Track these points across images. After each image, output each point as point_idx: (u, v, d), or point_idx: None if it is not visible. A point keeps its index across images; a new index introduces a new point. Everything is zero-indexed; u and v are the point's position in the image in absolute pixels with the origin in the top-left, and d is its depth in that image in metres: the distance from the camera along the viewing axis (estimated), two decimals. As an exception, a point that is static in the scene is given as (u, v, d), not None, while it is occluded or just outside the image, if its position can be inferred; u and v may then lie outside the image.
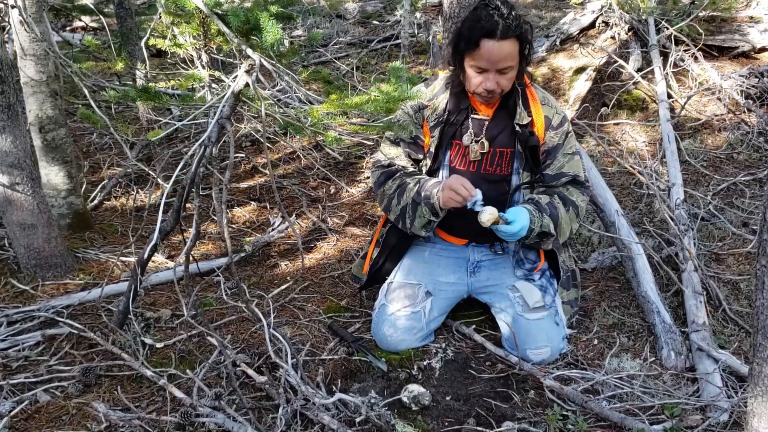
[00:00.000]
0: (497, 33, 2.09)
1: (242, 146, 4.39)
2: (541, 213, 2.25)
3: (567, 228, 2.34)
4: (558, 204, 2.31)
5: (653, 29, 5.00)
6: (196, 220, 2.16)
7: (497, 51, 2.12)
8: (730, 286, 2.73)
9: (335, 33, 6.51)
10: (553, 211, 2.29)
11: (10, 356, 2.31)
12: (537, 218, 2.23)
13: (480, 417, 2.08)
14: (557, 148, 2.33)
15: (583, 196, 2.38)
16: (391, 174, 2.40)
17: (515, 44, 2.14)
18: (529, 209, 2.23)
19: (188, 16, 2.61)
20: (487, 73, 2.17)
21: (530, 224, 2.21)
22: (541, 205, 2.28)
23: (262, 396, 2.10)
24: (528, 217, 2.21)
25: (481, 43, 2.11)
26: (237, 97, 2.20)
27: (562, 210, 2.31)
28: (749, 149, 4.00)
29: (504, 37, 2.10)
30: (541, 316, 2.31)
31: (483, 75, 2.17)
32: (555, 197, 2.32)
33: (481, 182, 2.30)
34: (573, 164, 2.35)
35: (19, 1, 2.70)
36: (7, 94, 2.55)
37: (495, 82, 2.17)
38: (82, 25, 6.71)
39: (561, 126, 2.33)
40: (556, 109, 2.33)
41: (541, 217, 2.25)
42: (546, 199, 2.30)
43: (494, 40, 2.10)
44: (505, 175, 2.34)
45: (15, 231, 2.75)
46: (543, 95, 2.35)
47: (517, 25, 2.11)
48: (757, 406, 1.42)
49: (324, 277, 2.94)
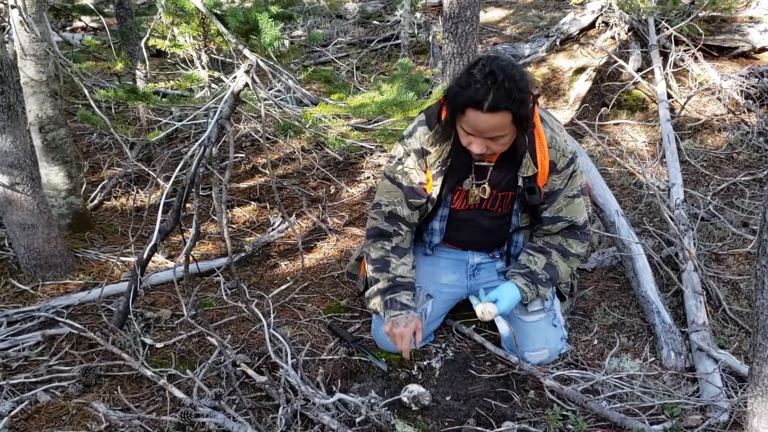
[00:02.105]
0: (484, 106, 1.88)
1: (242, 146, 4.39)
2: (536, 285, 2.22)
3: (567, 274, 2.30)
4: (556, 262, 2.25)
5: (653, 29, 5.01)
6: (196, 220, 2.16)
7: (483, 123, 1.92)
8: (730, 286, 2.73)
9: (335, 33, 6.51)
10: (552, 273, 2.24)
11: (10, 356, 2.31)
12: (530, 293, 2.22)
13: (480, 417, 2.08)
14: (558, 192, 2.19)
15: (582, 243, 2.28)
16: (383, 234, 2.28)
17: (506, 116, 1.91)
18: (520, 286, 2.21)
19: (188, 16, 2.62)
20: (475, 137, 1.99)
21: (521, 300, 2.22)
22: (536, 275, 2.23)
23: (262, 396, 2.10)
24: (517, 293, 2.21)
25: (467, 111, 1.92)
26: (237, 97, 2.20)
27: (563, 266, 2.25)
28: (749, 149, 4.00)
29: (492, 110, 1.88)
30: (539, 319, 2.31)
31: (471, 137, 2.00)
32: (552, 254, 2.25)
33: (483, 218, 2.31)
34: (572, 208, 2.21)
35: (19, 1, 2.70)
36: (7, 94, 2.55)
37: (484, 147, 2.00)
38: (82, 25, 6.71)
39: (566, 168, 2.15)
40: (563, 152, 2.13)
41: (536, 290, 2.22)
42: (542, 262, 2.24)
43: (480, 111, 1.89)
44: (505, 213, 2.30)
45: (15, 231, 2.75)
46: (551, 135, 2.12)
47: (511, 99, 1.87)
48: (757, 406, 1.42)
49: (324, 277, 2.94)
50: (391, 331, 2.17)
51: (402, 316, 2.17)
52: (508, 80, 1.86)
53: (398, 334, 2.14)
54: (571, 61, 5.30)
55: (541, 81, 5.20)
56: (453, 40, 3.19)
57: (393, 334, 2.16)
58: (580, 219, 2.23)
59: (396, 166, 2.24)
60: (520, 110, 1.91)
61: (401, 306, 2.20)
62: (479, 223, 2.33)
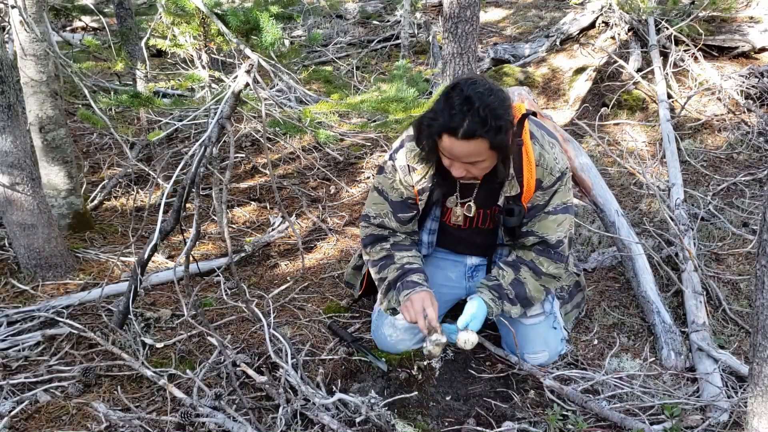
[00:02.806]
0: (459, 132, 1.84)
1: (242, 146, 4.39)
2: (501, 300, 2.16)
3: (540, 294, 2.21)
4: (525, 278, 2.17)
5: (653, 29, 5.01)
6: (196, 220, 2.16)
7: (458, 149, 1.89)
8: (730, 286, 2.73)
9: (335, 33, 6.52)
10: (519, 290, 2.17)
11: (10, 356, 2.31)
12: (496, 308, 2.15)
13: (480, 417, 2.08)
14: (539, 208, 2.13)
15: (556, 264, 2.17)
16: (379, 238, 2.27)
17: (483, 143, 1.86)
18: (486, 301, 2.14)
19: (188, 16, 2.62)
20: (454, 162, 1.96)
21: (487, 315, 2.14)
22: (503, 289, 2.17)
23: (262, 396, 2.10)
24: (484, 312, 2.12)
25: (443, 137, 1.89)
26: (237, 97, 2.20)
27: (531, 282, 2.17)
28: (749, 149, 4.00)
29: (467, 138, 1.85)
30: (538, 321, 2.31)
31: (450, 161, 1.98)
32: (522, 270, 2.18)
33: (475, 236, 2.30)
34: (545, 224, 2.13)
35: (19, 1, 2.70)
36: (7, 94, 2.55)
37: (464, 171, 1.97)
38: (82, 25, 6.72)
39: (551, 186, 2.09)
40: (551, 170, 2.07)
41: (501, 305, 2.16)
42: (510, 277, 2.18)
43: (456, 138, 1.86)
44: (493, 228, 2.28)
45: (15, 231, 2.75)
46: (540, 153, 2.06)
47: (486, 127, 1.83)
48: (757, 406, 1.42)
49: (324, 277, 2.94)
50: (405, 305, 2.11)
51: (414, 293, 2.13)
52: (483, 108, 1.83)
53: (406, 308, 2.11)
54: (571, 61, 5.30)
55: (541, 81, 5.20)
56: (453, 40, 3.20)
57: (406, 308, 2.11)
58: (552, 237, 2.14)
59: (384, 180, 2.23)
60: (496, 138, 1.86)
61: (413, 284, 2.16)
62: (473, 240, 2.33)
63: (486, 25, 6.66)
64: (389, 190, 2.22)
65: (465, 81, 1.92)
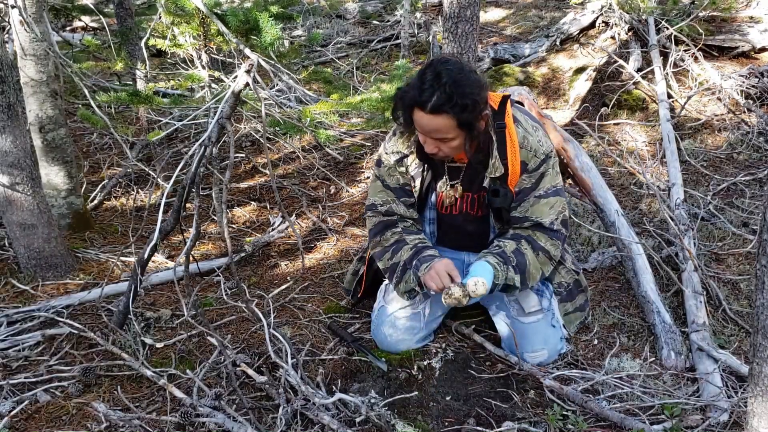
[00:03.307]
0: (427, 106, 1.92)
1: (242, 146, 4.39)
2: (507, 265, 2.14)
3: (537, 273, 2.20)
4: (526, 249, 2.18)
5: (653, 29, 5.01)
6: (196, 220, 2.17)
7: (426, 123, 1.97)
8: (730, 286, 2.73)
9: (335, 33, 6.51)
10: (521, 259, 2.16)
11: (10, 356, 2.31)
12: (501, 272, 2.11)
13: (480, 417, 2.08)
14: (527, 191, 2.16)
15: (552, 240, 2.20)
16: (389, 225, 2.28)
17: (449, 119, 1.93)
18: (492, 263, 2.11)
19: (188, 16, 2.62)
20: (426, 137, 2.03)
21: (494, 279, 2.11)
22: (506, 255, 2.15)
23: (262, 396, 2.10)
24: (492, 273, 2.09)
25: (414, 111, 1.97)
26: (237, 97, 2.20)
27: (530, 255, 2.17)
28: (749, 149, 4.00)
29: (434, 112, 1.93)
30: (537, 320, 2.30)
31: (423, 137, 2.05)
32: (522, 242, 2.18)
33: (468, 223, 2.32)
34: (538, 208, 2.17)
35: (19, 1, 2.70)
36: (7, 94, 2.55)
37: (435, 147, 2.03)
38: (82, 25, 6.71)
39: (537, 169, 2.14)
40: (536, 152, 2.12)
41: (506, 270, 2.13)
42: (512, 246, 2.17)
43: (423, 112, 1.94)
44: (484, 216, 2.30)
45: (15, 231, 2.75)
46: (524, 135, 2.13)
47: (452, 103, 1.90)
48: (757, 406, 1.42)
49: (324, 277, 2.94)
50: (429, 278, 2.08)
51: (433, 262, 2.12)
52: (451, 84, 1.90)
53: (430, 277, 2.08)
54: (571, 61, 5.30)
55: (541, 81, 5.20)
56: (453, 40, 3.20)
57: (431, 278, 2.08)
58: (545, 219, 2.17)
59: (382, 169, 2.29)
60: (462, 115, 1.92)
61: (429, 257, 2.15)
62: (465, 228, 2.34)
63: (486, 25, 6.66)
64: (387, 178, 2.28)
65: (439, 60, 2.01)
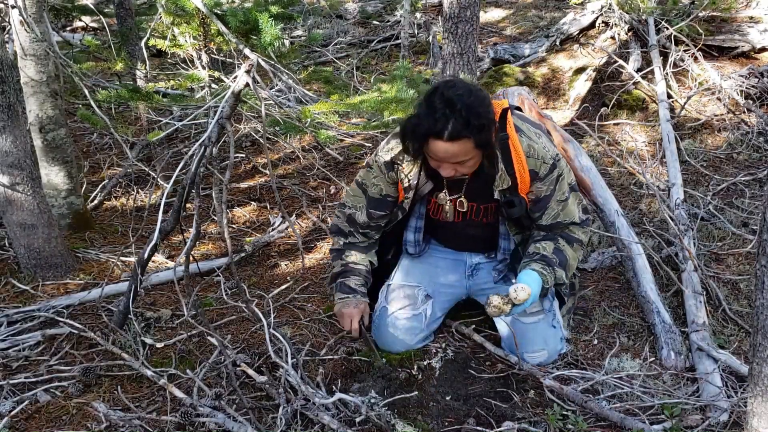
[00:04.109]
0: (444, 135, 1.89)
1: (242, 146, 4.39)
2: (552, 267, 2.18)
3: (575, 263, 2.28)
4: (563, 246, 2.23)
5: (653, 29, 5.00)
6: (196, 220, 2.16)
7: (445, 151, 1.94)
8: (730, 286, 2.73)
9: (335, 33, 6.51)
10: (562, 258, 2.21)
11: (10, 356, 2.31)
12: (549, 276, 2.17)
13: (480, 417, 2.08)
14: (548, 198, 2.18)
15: (584, 229, 2.29)
16: (341, 233, 2.40)
17: (468, 143, 1.92)
18: (538, 270, 2.15)
19: (188, 16, 2.62)
20: (442, 163, 2.01)
21: (543, 284, 2.14)
22: (549, 257, 2.19)
23: (262, 396, 2.10)
24: (539, 280, 2.13)
25: (429, 141, 1.93)
26: (237, 97, 2.20)
27: (569, 251, 2.24)
28: (749, 149, 4.00)
29: (452, 139, 1.90)
30: (537, 320, 2.31)
31: (438, 163, 2.02)
32: (558, 240, 2.24)
33: (468, 228, 2.32)
34: (568, 210, 2.22)
35: (19, 1, 2.70)
36: (8, 94, 2.55)
37: (453, 170, 2.02)
38: (82, 25, 6.71)
39: (550, 174, 2.14)
40: (543, 159, 2.12)
41: (553, 272, 2.18)
42: (551, 247, 2.22)
43: (442, 140, 1.90)
44: (492, 222, 2.31)
45: (15, 231, 2.75)
46: (528, 144, 2.11)
47: (470, 127, 1.88)
48: (757, 406, 1.42)
49: (324, 277, 2.94)
50: (340, 312, 2.37)
51: (350, 299, 2.35)
52: (465, 109, 1.88)
53: (346, 314, 2.34)
54: (571, 61, 5.30)
55: (541, 81, 5.20)
56: (453, 40, 3.20)
57: (342, 314, 2.36)
58: (577, 217, 2.25)
59: (367, 174, 2.30)
60: (480, 136, 1.92)
61: (349, 289, 2.36)
62: (467, 232, 2.35)
63: (486, 25, 6.65)
64: (369, 186, 2.30)
65: (444, 84, 2.00)
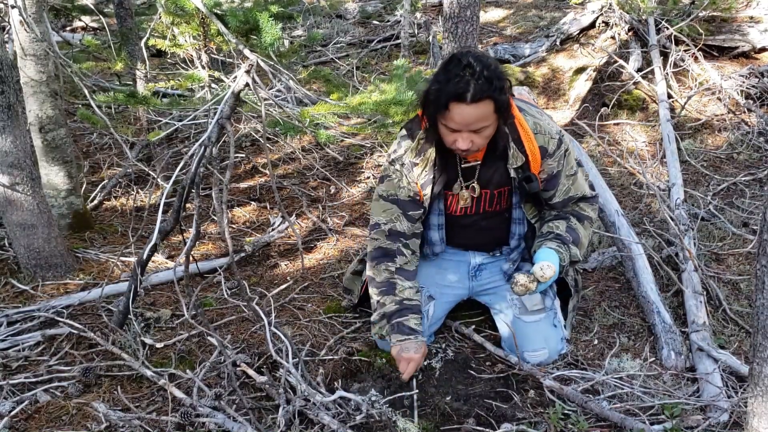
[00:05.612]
0: (467, 97, 1.91)
1: (242, 146, 4.39)
2: (567, 245, 2.21)
3: (587, 240, 2.31)
4: (576, 224, 2.27)
5: (653, 29, 5.00)
6: (196, 220, 2.17)
7: (468, 115, 1.94)
8: (730, 286, 2.73)
9: (335, 33, 6.51)
10: (575, 236, 2.24)
11: (10, 356, 2.31)
12: (565, 253, 2.20)
13: (480, 417, 2.07)
14: (558, 174, 2.22)
15: (593, 205, 2.35)
16: (388, 254, 2.26)
17: (490, 104, 1.95)
18: (554, 248, 2.17)
19: (188, 16, 2.62)
20: (460, 133, 2.01)
21: (560, 262, 2.16)
22: (563, 236, 2.22)
23: (262, 396, 2.10)
24: (558, 258, 2.15)
25: (451, 107, 1.94)
26: (237, 97, 2.20)
27: (582, 229, 2.27)
28: (749, 149, 4.00)
29: (476, 101, 1.92)
30: (539, 319, 2.31)
31: (455, 134, 2.02)
32: (570, 218, 2.27)
33: (482, 220, 2.32)
34: (577, 184, 2.27)
35: (19, 1, 2.70)
36: (7, 94, 2.55)
37: (469, 141, 2.02)
38: (82, 25, 6.71)
39: (558, 150, 2.18)
40: (550, 134, 2.17)
41: (568, 249, 2.21)
42: (563, 225, 2.25)
43: (465, 104, 1.92)
44: (504, 209, 2.32)
45: (15, 231, 2.75)
46: (534, 122, 2.16)
47: (492, 86, 1.92)
48: (757, 406, 1.42)
49: (324, 277, 2.94)
50: (399, 355, 2.18)
51: (411, 341, 2.19)
52: (486, 69, 1.92)
53: (406, 358, 2.17)
54: (572, 61, 5.30)
55: (541, 81, 5.20)
56: (453, 40, 3.19)
57: (401, 359, 2.17)
58: (587, 191, 2.30)
59: (389, 184, 2.27)
60: (501, 97, 1.96)
61: (409, 330, 2.20)
62: (479, 224, 2.34)
63: (486, 25, 6.65)
64: (397, 190, 2.25)
65: (460, 52, 2.05)
